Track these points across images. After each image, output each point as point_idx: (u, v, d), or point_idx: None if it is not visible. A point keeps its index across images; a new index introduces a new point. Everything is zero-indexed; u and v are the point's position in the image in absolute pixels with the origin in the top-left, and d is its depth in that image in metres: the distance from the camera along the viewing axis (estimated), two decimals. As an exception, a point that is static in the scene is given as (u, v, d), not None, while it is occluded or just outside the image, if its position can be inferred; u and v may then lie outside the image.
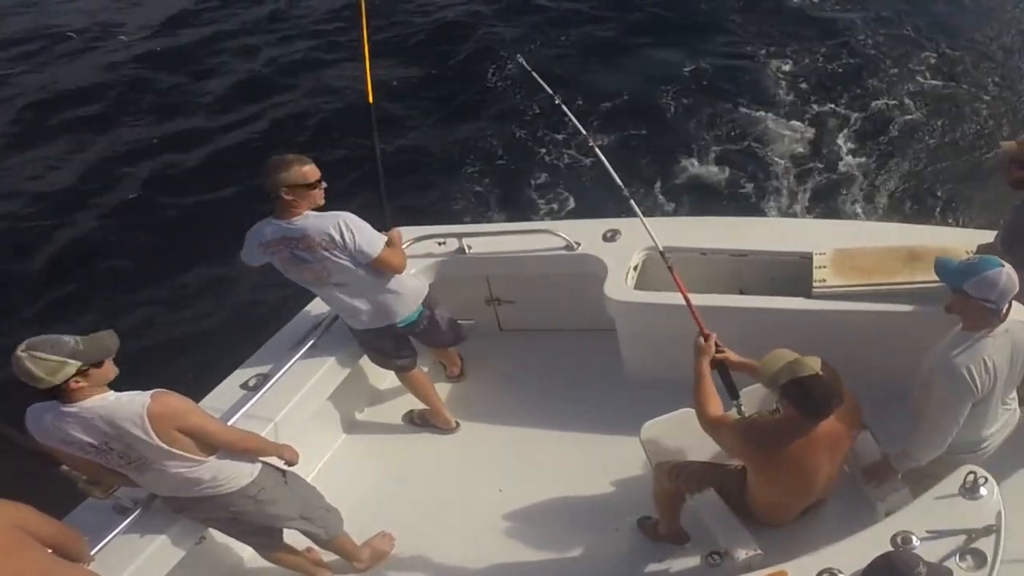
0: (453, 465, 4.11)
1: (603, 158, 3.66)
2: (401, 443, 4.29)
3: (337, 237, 3.41)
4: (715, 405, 2.92)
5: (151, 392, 2.78)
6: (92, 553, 2.93)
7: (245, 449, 3.10)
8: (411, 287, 3.84)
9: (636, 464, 3.44)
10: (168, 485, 2.96)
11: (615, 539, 3.59)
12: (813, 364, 2.55)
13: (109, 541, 3.04)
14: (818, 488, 2.80)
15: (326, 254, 3.45)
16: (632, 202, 3.59)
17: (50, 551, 2.59)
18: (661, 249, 3.47)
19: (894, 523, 2.54)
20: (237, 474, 3.05)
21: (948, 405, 2.68)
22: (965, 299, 2.61)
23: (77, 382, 2.64)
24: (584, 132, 3.83)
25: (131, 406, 2.72)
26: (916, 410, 2.82)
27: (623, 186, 3.58)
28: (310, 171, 3.39)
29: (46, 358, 2.58)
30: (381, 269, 3.60)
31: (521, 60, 4.15)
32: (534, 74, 3.96)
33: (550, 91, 3.89)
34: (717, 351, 3.09)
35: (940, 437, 2.74)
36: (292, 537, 3.47)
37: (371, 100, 4.18)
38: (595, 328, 4.34)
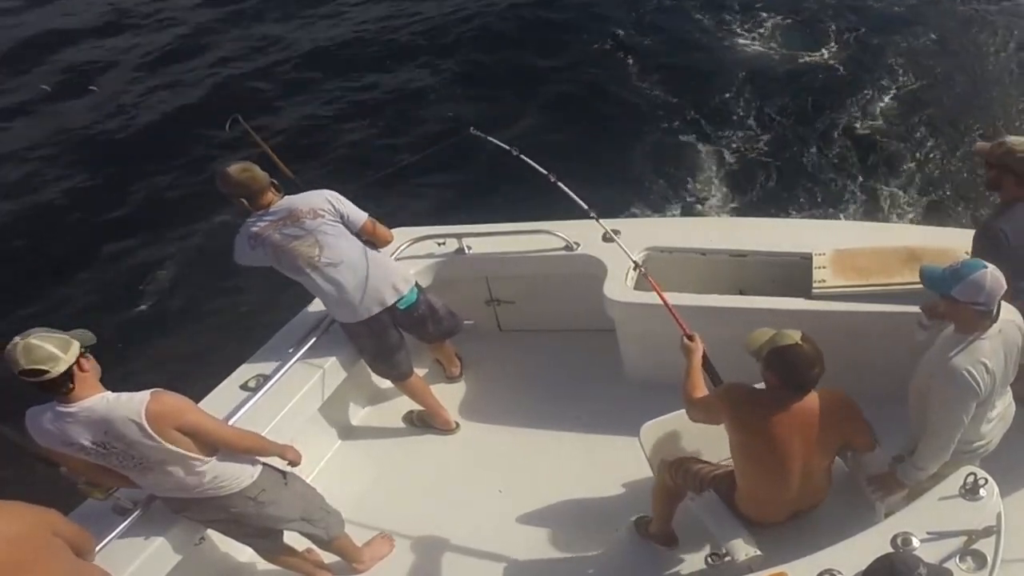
0: (453, 466, 4.11)
1: (569, 191, 3.88)
2: (401, 444, 4.29)
3: (327, 206, 3.67)
4: (702, 391, 3.03)
5: (150, 391, 2.78)
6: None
7: (246, 448, 3.09)
8: (399, 266, 3.98)
9: (636, 464, 3.44)
10: (169, 486, 2.95)
11: (615, 539, 3.59)
12: (794, 335, 2.63)
13: (109, 542, 3.03)
14: (792, 471, 2.75)
15: (314, 223, 3.61)
16: (600, 221, 3.91)
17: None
18: (636, 260, 3.81)
19: (894, 524, 2.53)
20: (238, 475, 3.04)
21: (953, 408, 2.66)
22: (955, 305, 2.61)
23: (81, 367, 2.62)
24: (545, 172, 3.98)
25: (130, 404, 2.71)
26: (917, 420, 2.81)
27: (588, 207, 3.85)
28: None
29: (50, 336, 2.56)
30: (370, 238, 3.77)
31: (474, 131, 4.30)
32: (490, 138, 4.22)
33: (506, 147, 4.14)
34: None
35: (947, 442, 2.72)
36: (292, 538, 3.47)
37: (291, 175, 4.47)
38: (595, 328, 4.34)
